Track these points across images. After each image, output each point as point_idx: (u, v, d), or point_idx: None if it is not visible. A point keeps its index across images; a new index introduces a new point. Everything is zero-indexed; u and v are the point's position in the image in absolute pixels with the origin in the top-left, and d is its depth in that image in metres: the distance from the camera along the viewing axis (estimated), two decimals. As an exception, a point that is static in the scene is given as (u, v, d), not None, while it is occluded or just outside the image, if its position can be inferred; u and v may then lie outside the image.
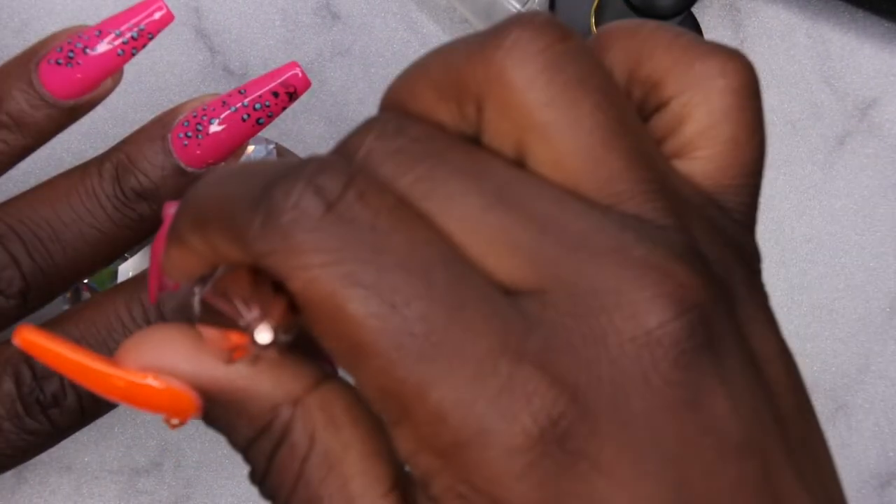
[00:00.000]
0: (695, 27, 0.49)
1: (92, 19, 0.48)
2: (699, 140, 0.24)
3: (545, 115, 0.22)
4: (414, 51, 0.50)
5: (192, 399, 0.23)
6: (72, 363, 0.23)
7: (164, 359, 0.23)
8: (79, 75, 0.35)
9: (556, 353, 0.21)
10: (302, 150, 0.48)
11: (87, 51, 0.35)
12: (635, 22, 0.24)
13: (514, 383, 0.20)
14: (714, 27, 0.51)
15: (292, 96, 0.36)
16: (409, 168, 0.22)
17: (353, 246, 0.21)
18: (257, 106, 0.35)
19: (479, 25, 0.49)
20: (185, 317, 0.23)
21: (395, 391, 0.21)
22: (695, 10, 0.51)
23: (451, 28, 0.50)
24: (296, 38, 0.50)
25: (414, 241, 0.21)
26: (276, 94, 0.35)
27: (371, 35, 0.50)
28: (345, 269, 0.21)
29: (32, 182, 0.37)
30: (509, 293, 0.21)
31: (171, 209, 0.24)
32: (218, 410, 0.23)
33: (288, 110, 0.38)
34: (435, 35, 0.50)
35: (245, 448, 0.23)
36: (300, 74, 0.35)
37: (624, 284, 0.21)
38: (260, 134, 0.37)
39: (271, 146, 0.45)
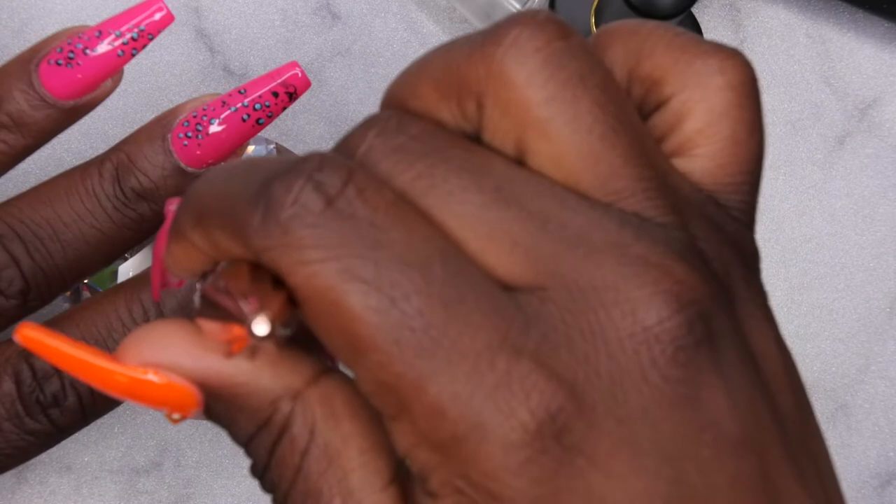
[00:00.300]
0: (695, 27, 0.49)
1: (92, 19, 0.48)
2: (698, 138, 0.24)
3: (545, 111, 0.22)
4: (414, 51, 0.50)
5: (192, 394, 0.23)
6: (72, 359, 0.23)
7: (165, 354, 0.23)
8: (79, 76, 0.35)
9: (554, 348, 0.21)
10: (302, 150, 0.48)
11: (88, 51, 0.35)
12: (635, 21, 0.24)
13: (511, 378, 0.20)
14: (714, 27, 0.51)
15: (292, 96, 0.36)
16: (409, 165, 0.22)
17: (352, 241, 0.21)
18: (257, 106, 0.35)
19: (479, 25, 0.49)
20: (186, 315, 0.23)
21: (394, 385, 0.21)
22: (695, 10, 0.51)
23: (451, 28, 0.50)
24: (296, 38, 0.50)
25: (413, 236, 0.21)
26: (276, 94, 0.35)
27: (371, 35, 0.50)
28: (344, 264, 0.21)
29: (32, 182, 0.37)
30: (508, 289, 0.21)
31: (172, 205, 0.24)
32: (219, 405, 0.23)
33: (288, 110, 0.38)
34: (435, 35, 0.50)
35: (246, 442, 0.23)
36: (300, 74, 0.35)
37: (622, 281, 0.21)
38: (260, 134, 0.37)
39: (271, 146, 0.45)
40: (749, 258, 0.23)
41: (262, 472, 0.23)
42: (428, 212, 0.22)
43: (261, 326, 0.21)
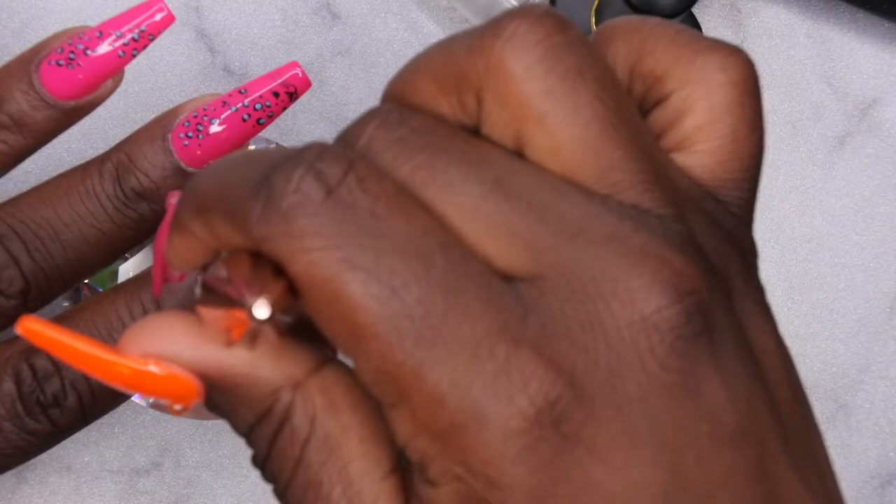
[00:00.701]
0: (695, 27, 0.49)
1: (92, 20, 0.48)
2: (699, 134, 0.24)
3: (543, 104, 0.22)
4: (414, 51, 0.50)
5: (193, 385, 0.23)
6: (74, 351, 0.23)
7: (166, 345, 0.23)
8: (79, 76, 0.35)
9: (553, 337, 0.21)
10: (302, 150, 0.48)
11: (88, 52, 0.35)
12: (637, 18, 0.24)
13: (511, 366, 0.20)
14: (714, 27, 0.51)
15: (293, 96, 0.36)
16: (410, 157, 0.22)
17: (352, 230, 0.21)
18: (258, 106, 0.35)
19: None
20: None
21: (393, 374, 0.21)
22: (695, 9, 0.51)
23: (451, 28, 0.50)
24: (296, 38, 0.50)
25: (413, 226, 0.21)
26: (276, 94, 0.35)
27: (371, 35, 0.50)
28: (344, 253, 0.21)
29: (32, 182, 0.37)
30: (508, 279, 0.21)
31: (173, 199, 0.24)
32: (220, 396, 0.23)
33: (288, 110, 0.38)
34: (435, 35, 0.50)
35: (247, 433, 0.23)
36: (300, 74, 0.35)
37: (621, 271, 0.21)
38: (260, 134, 0.37)
39: (272, 146, 0.45)
40: (747, 254, 0.24)
41: (263, 463, 0.23)
42: (428, 203, 0.22)
43: (261, 310, 0.22)
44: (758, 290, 0.23)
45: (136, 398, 0.43)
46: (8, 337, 0.36)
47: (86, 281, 0.42)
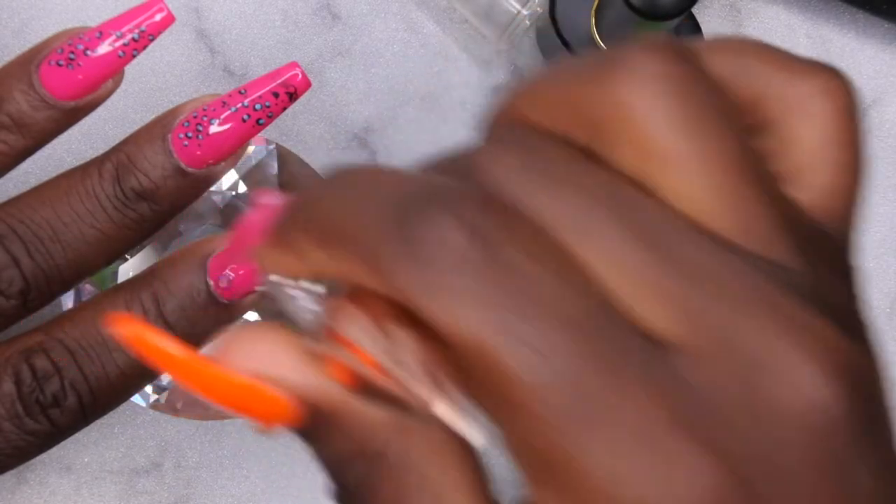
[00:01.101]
0: (695, 28, 0.49)
1: (92, 20, 0.48)
2: (807, 167, 0.22)
3: (671, 143, 0.21)
4: (414, 51, 0.50)
5: (293, 409, 0.22)
6: (179, 363, 0.22)
7: (272, 366, 0.22)
8: (79, 76, 0.35)
9: (718, 424, 0.19)
10: (302, 150, 0.48)
11: (88, 52, 0.35)
12: (730, 38, 0.23)
13: (674, 457, 0.19)
14: (714, 28, 0.51)
15: (292, 97, 0.36)
16: (545, 196, 0.21)
17: (504, 290, 0.20)
18: (257, 106, 0.35)
19: (479, 25, 0.49)
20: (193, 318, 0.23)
21: (545, 452, 0.19)
22: (695, 10, 0.51)
23: (450, 28, 0.50)
24: (296, 38, 0.50)
25: (567, 288, 0.20)
26: (276, 95, 0.35)
27: (371, 35, 0.50)
28: (497, 315, 0.19)
29: (32, 182, 0.37)
30: (656, 343, 0.20)
31: (267, 199, 0.23)
32: (314, 422, 0.22)
33: (288, 110, 0.38)
34: (435, 35, 0.50)
35: (334, 463, 0.22)
36: (300, 75, 0.35)
37: (780, 347, 0.20)
38: (260, 134, 0.37)
39: (271, 146, 0.45)
40: (855, 287, 0.22)
41: (345, 497, 0.22)
42: (571, 250, 0.20)
43: (444, 409, 0.21)
44: (868, 329, 0.22)
45: (135, 398, 0.43)
46: (7, 337, 0.36)
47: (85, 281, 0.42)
